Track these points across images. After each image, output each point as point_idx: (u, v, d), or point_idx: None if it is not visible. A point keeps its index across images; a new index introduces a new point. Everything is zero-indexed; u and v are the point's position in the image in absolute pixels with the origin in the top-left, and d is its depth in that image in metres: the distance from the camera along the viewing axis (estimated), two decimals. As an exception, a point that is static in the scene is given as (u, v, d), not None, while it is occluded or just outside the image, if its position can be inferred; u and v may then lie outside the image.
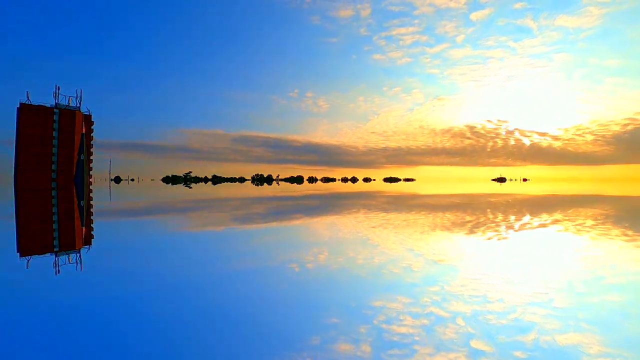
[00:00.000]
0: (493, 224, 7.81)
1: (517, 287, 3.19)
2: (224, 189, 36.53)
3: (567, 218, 9.06)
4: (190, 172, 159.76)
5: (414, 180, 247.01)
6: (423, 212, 10.77)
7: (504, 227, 7.42)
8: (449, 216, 9.60)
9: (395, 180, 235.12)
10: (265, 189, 36.06)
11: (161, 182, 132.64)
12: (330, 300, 2.85)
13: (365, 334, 2.23)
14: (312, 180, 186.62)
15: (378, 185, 74.15)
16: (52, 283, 3.30)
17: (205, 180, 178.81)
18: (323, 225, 7.64)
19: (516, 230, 6.84)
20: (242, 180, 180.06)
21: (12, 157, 62.22)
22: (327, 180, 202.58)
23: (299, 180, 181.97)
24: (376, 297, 2.95)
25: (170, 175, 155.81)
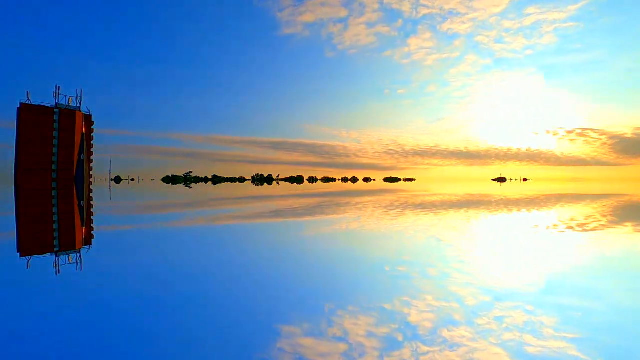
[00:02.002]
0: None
1: None
2: (232, 189, 36.50)
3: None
4: (191, 172, 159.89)
5: (414, 180, 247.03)
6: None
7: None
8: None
9: (396, 180, 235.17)
10: (295, 188, 36.10)
11: (161, 182, 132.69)
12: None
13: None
14: (312, 180, 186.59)
15: (384, 185, 74.08)
16: (52, 283, 3.29)
17: (206, 180, 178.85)
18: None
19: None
20: (242, 180, 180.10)
21: (12, 157, 62.27)
22: (327, 180, 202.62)
23: (299, 180, 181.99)
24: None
25: (171, 176, 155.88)
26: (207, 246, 5.18)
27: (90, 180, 73.07)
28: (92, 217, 9.14)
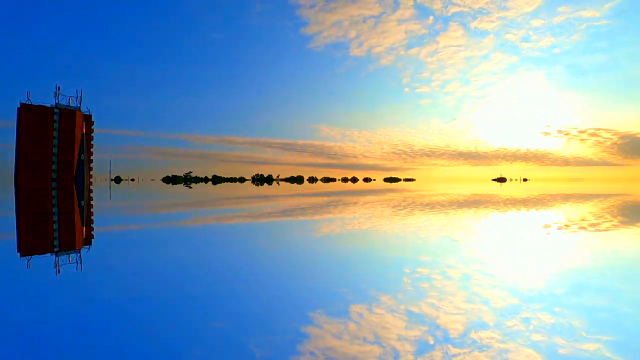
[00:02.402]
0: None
1: None
2: (233, 189, 36.51)
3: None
4: (191, 172, 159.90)
5: (414, 180, 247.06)
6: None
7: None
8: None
9: (396, 180, 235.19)
10: (310, 187, 36.12)
11: (161, 182, 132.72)
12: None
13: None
14: (312, 180, 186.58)
15: (385, 185, 74.10)
16: (52, 283, 3.29)
17: (205, 180, 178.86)
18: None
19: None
20: (242, 180, 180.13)
21: (12, 157, 62.25)
22: (327, 180, 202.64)
23: (299, 180, 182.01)
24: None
25: (171, 175, 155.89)
26: (211, 246, 5.18)
27: (90, 180, 73.07)
28: (92, 217, 9.14)
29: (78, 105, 69.25)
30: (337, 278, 3.50)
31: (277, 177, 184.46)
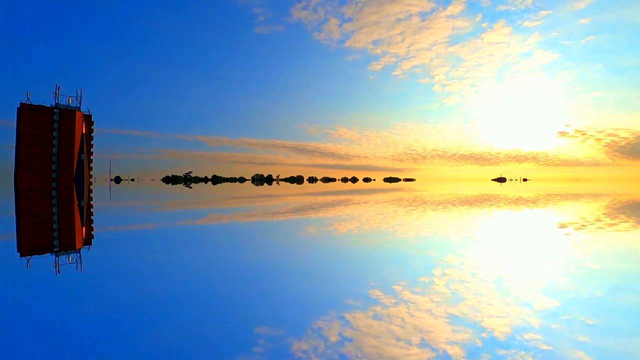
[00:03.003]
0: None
1: None
2: (234, 189, 36.50)
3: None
4: (190, 172, 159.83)
5: (414, 180, 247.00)
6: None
7: None
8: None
9: (396, 180, 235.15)
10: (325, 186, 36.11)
11: (161, 182, 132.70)
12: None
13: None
14: (312, 180, 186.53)
15: (385, 185, 74.10)
16: (52, 283, 3.29)
17: (205, 180, 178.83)
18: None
19: None
20: (242, 180, 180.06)
21: (12, 157, 62.24)
22: (327, 180, 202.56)
23: (299, 180, 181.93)
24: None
25: (170, 175, 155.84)
26: (214, 246, 5.17)
27: (90, 180, 73.04)
28: (92, 217, 9.13)
29: (78, 105, 69.25)
30: (366, 278, 3.50)
31: (277, 177, 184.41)
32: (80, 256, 4.45)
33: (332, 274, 3.66)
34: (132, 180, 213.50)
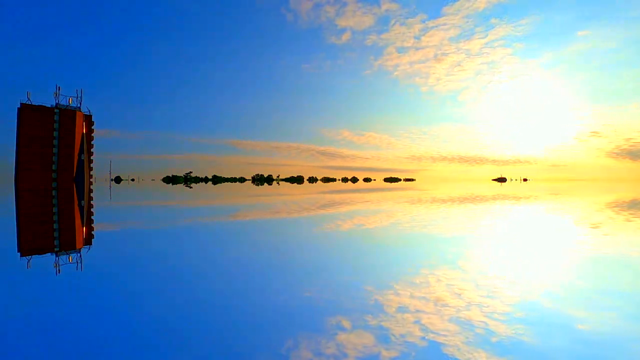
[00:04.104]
0: None
1: None
2: (235, 189, 36.48)
3: None
4: (191, 172, 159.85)
5: (414, 180, 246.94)
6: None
7: None
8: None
9: (396, 180, 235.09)
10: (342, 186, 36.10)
11: (161, 182, 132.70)
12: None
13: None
14: (312, 180, 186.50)
15: (386, 184, 74.09)
16: (52, 283, 3.28)
17: (206, 180, 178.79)
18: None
19: None
20: (242, 180, 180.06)
21: (12, 157, 62.24)
22: (327, 180, 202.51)
23: (299, 180, 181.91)
24: None
25: (171, 175, 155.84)
26: (216, 245, 5.17)
27: (91, 180, 73.06)
28: (92, 217, 9.13)
29: (78, 105, 69.26)
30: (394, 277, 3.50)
31: (277, 177, 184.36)
32: (80, 256, 4.44)
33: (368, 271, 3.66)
34: (133, 180, 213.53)
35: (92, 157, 73.85)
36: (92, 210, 11.49)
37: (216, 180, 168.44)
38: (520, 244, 5.38)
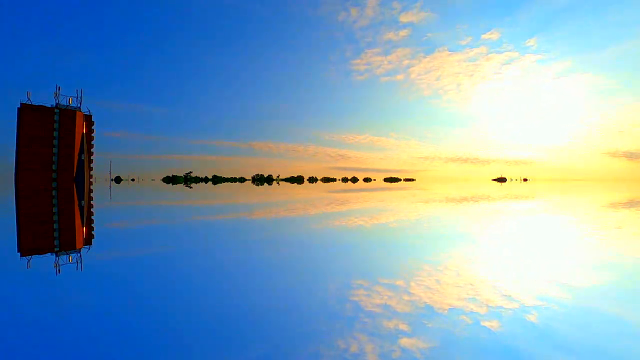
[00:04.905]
0: None
1: None
2: (235, 189, 36.47)
3: None
4: (191, 172, 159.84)
5: (414, 180, 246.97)
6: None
7: None
8: None
9: (396, 180, 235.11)
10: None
11: (161, 182, 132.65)
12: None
13: None
14: (312, 180, 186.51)
15: (386, 184, 74.06)
16: (52, 283, 3.28)
17: (206, 180, 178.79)
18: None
19: None
20: (242, 180, 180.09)
21: (12, 157, 62.24)
22: (327, 180, 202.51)
23: (299, 180, 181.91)
24: None
25: (171, 175, 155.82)
26: (220, 245, 5.16)
27: (91, 180, 73.05)
28: (92, 217, 9.12)
29: (78, 105, 69.26)
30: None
31: (277, 177, 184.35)
32: (80, 256, 4.44)
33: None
34: (133, 180, 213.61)
35: (92, 157, 73.84)
36: (92, 210, 11.49)
37: (216, 180, 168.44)
38: (547, 245, 5.38)
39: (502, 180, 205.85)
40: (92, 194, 24.14)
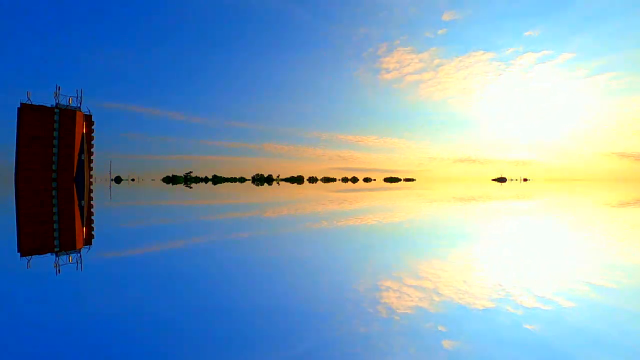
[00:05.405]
0: None
1: None
2: (236, 189, 36.46)
3: None
4: (191, 172, 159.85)
5: (414, 180, 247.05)
6: None
7: None
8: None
9: (396, 180, 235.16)
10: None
11: (161, 182, 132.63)
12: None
13: None
14: (312, 180, 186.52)
15: (386, 184, 74.04)
16: (52, 283, 3.27)
17: (206, 180, 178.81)
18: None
19: None
20: (242, 180, 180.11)
21: (12, 157, 62.23)
22: (327, 180, 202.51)
23: (299, 180, 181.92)
24: None
25: (171, 175, 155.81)
26: (221, 245, 5.15)
27: (91, 180, 73.07)
28: (92, 217, 9.11)
29: (78, 105, 69.28)
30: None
31: (277, 177, 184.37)
32: (80, 256, 4.43)
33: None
34: (133, 180, 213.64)
35: (92, 157, 73.85)
36: (92, 210, 11.48)
37: (216, 180, 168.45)
38: (555, 245, 5.37)
39: (502, 180, 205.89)
40: (92, 194, 24.13)
